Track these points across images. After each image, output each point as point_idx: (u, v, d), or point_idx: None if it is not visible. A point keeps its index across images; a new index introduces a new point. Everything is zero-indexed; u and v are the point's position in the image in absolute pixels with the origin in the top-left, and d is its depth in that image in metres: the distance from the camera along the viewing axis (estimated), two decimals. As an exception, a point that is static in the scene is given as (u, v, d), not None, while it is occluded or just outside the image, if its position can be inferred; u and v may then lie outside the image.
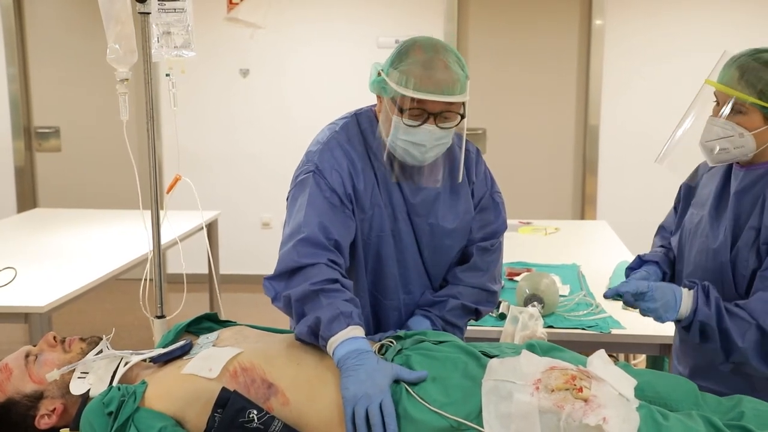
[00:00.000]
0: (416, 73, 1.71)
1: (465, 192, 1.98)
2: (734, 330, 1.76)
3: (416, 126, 1.74)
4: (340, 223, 1.80)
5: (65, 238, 3.93)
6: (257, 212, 6.14)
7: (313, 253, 1.73)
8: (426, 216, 1.93)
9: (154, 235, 2.37)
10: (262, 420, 1.51)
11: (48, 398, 1.70)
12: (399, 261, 1.93)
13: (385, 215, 1.89)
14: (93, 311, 5.29)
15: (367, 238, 1.89)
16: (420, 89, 1.70)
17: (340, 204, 1.82)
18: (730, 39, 5.41)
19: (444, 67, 1.72)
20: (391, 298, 1.97)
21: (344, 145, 1.88)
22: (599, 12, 5.69)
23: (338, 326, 1.61)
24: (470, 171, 2.00)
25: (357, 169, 1.86)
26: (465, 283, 2.00)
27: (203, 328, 1.94)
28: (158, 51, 2.26)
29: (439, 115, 1.75)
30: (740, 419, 1.55)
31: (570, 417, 1.42)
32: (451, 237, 1.97)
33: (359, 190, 1.86)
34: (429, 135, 1.76)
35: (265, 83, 5.99)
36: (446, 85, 1.71)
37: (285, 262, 1.75)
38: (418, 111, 1.73)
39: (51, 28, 6.18)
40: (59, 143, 6.29)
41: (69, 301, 2.94)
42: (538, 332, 2.36)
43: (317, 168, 1.85)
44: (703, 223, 1.95)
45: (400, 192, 1.91)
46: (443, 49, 1.77)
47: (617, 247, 3.76)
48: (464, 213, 1.98)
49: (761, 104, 1.76)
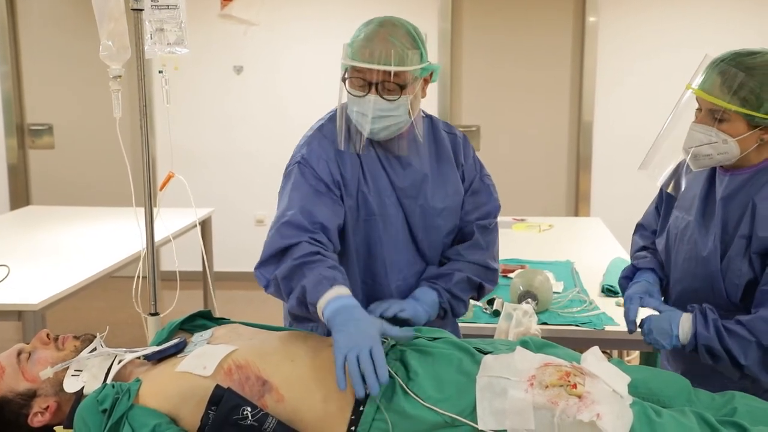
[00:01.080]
0: (356, 44, 1.82)
1: (453, 173, 2.04)
2: (736, 349, 1.75)
3: (361, 96, 1.83)
4: (326, 207, 1.86)
5: (59, 235, 3.92)
6: (251, 209, 6.14)
7: (295, 234, 1.79)
8: (416, 198, 1.97)
9: (147, 232, 2.36)
10: (257, 417, 1.51)
11: (41, 396, 1.69)
12: (390, 244, 1.97)
13: (372, 200, 1.94)
14: (86, 309, 5.28)
15: (355, 223, 1.94)
16: (355, 58, 1.80)
17: (326, 190, 1.89)
18: (723, 36, 5.42)
19: (383, 39, 1.80)
20: (381, 282, 1.99)
21: (329, 136, 1.96)
22: (593, 9, 5.70)
23: (323, 288, 1.66)
24: (458, 154, 2.06)
25: (342, 156, 1.93)
26: (467, 259, 2.04)
27: (197, 326, 1.94)
28: (151, 48, 2.26)
29: (380, 86, 1.81)
30: (733, 415, 1.56)
31: (564, 413, 1.42)
32: (442, 216, 2.01)
33: (346, 176, 1.92)
34: (371, 105, 1.82)
35: (259, 80, 5.98)
36: (381, 54, 1.78)
37: (270, 245, 1.83)
38: (360, 81, 1.83)
39: (44, 25, 6.16)
40: (52, 140, 6.27)
41: (63, 298, 2.93)
42: (532, 329, 2.36)
43: (303, 158, 1.93)
44: (690, 228, 1.93)
45: (387, 177, 1.96)
46: (391, 24, 1.85)
47: (611, 243, 3.77)
48: (453, 194, 2.03)
49: (744, 112, 1.74)
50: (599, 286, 2.95)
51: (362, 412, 1.53)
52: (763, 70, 1.73)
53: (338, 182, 1.91)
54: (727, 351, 1.76)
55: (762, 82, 1.72)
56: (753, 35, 5.37)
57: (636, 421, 1.45)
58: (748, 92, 1.73)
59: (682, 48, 5.46)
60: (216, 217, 4.93)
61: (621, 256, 3.32)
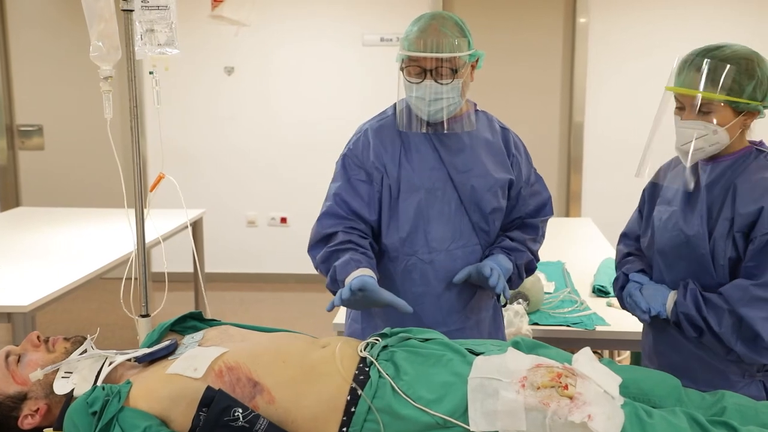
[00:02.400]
0: (412, 37, 1.98)
1: (503, 159, 2.16)
2: (711, 317, 1.83)
3: (417, 83, 1.98)
4: (361, 196, 2.09)
5: (49, 237, 3.91)
6: (243, 210, 6.12)
7: (332, 224, 2.06)
8: (466, 173, 2.10)
9: (138, 233, 2.36)
10: (248, 418, 1.51)
11: (32, 398, 1.68)
12: (436, 218, 2.09)
13: (416, 175, 2.08)
14: (77, 310, 5.26)
15: (396, 198, 2.09)
16: (411, 49, 1.96)
17: (366, 177, 2.10)
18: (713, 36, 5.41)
19: (435, 30, 1.96)
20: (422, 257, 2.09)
21: (376, 125, 2.15)
22: (583, 10, 5.71)
23: (350, 268, 1.91)
24: (509, 146, 2.20)
25: (384, 140, 2.11)
26: (529, 247, 2.18)
27: (188, 327, 1.94)
28: (142, 49, 2.25)
29: (435, 72, 1.97)
30: (722, 414, 1.57)
31: (555, 414, 1.43)
32: (492, 192, 2.11)
33: (385, 157, 2.09)
34: (427, 89, 1.98)
35: (250, 81, 5.97)
36: (434, 44, 1.94)
37: (313, 234, 2.10)
38: (416, 69, 1.98)
39: (33, 25, 6.13)
40: (42, 141, 6.25)
41: (53, 300, 2.92)
42: (523, 329, 2.37)
43: (349, 150, 2.15)
44: (675, 217, 1.98)
45: (437, 153, 2.10)
46: (441, 17, 2.02)
47: (602, 244, 3.78)
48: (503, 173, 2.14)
49: (730, 99, 1.82)
50: (590, 287, 2.96)
51: (354, 413, 1.54)
52: (737, 59, 1.82)
53: (377, 166, 2.09)
54: (704, 319, 1.84)
55: (739, 70, 1.82)
56: (743, 35, 5.37)
57: (627, 421, 1.46)
58: (730, 81, 1.82)
59: (672, 49, 5.47)
60: (207, 217, 4.93)
61: (612, 257, 3.32)
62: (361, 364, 1.64)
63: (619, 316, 2.62)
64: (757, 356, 1.82)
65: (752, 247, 1.82)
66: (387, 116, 2.16)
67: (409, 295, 2.04)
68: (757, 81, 1.82)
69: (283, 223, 6.08)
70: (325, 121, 5.89)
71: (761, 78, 1.82)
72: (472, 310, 2.13)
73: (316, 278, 6.06)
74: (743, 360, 1.85)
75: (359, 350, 1.69)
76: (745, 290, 1.80)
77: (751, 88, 1.82)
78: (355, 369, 1.63)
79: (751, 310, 1.79)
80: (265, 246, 6.11)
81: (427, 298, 2.08)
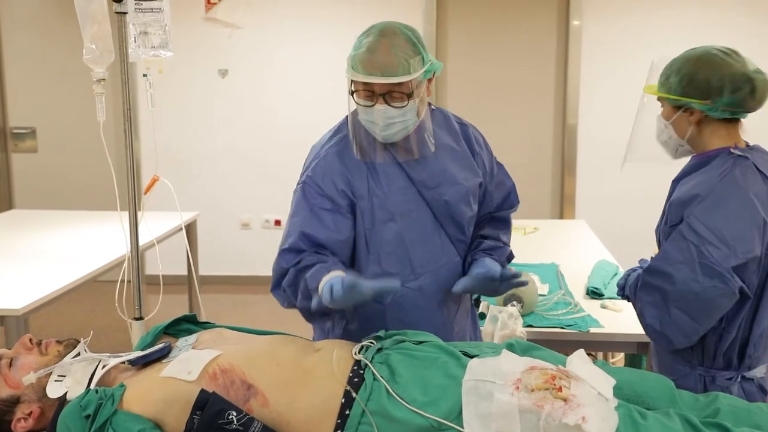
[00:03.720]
0: (361, 57, 1.81)
1: (468, 160, 2.06)
2: (632, 297, 1.96)
3: (370, 106, 1.85)
4: (327, 227, 1.91)
5: (42, 239, 3.89)
6: (237, 213, 6.11)
7: (295, 257, 1.89)
8: (437, 188, 1.98)
9: (131, 236, 2.35)
10: (242, 421, 1.51)
11: (25, 402, 1.68)
12: (416, 241, 1.97)
13: (390, 201, 1.95)
14: (70, 313, 5.25)
15: (371, 227, 1.95)
16: (362, 71, 1.80)
17: (332, 206, 1.92)
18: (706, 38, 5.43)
19: (386, 50, 1.80)
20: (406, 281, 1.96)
21: (335, 147, 1.99)
22: (577, 13, 5.72)
23: (320, 274, 1.77)
24: (471, 143, 2.10)
25: (349, 166, 1.95)
26: (503, 240, 2.14)
27: (182, 330, 1.93)
28: (135, 51, 2.25)
29: (388, 95, 1.83)
30: (716, 416, 1.57)
31: (549, 416, 1.43)
32: (465, 201, 2.02)
33: (354, 184, 1.95)
34: (380, 114, 1.84)
35: (244, 83, 5.96)
36: (387, 67, 1.79)
37: (275, 271, 1.93)
38: (367, 92, 1.84)
39: (26, 27, 6.11)
40: (35, 144, 6.23)
41: (46, 303, 2.91)
42: (517, 331, 2.37)
43: (308, 177, 1.97)
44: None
45: (405, 173, 1.97)
46: (391, 32, 1.85)
47: (596, 246, 3.79)
48: (472, 178, 2.05)
49: (659, 94, 1.94)
50: (584, 289, 2.96)
51: (348, 416, 1.53)
52: (680, 59, 1.92)
53: (345, 193, 1.93)
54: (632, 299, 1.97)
55: (671, 67, 1.91)
56: (737, 36, 5.40)
57: (621, 423, 1.46)
58: (664, 78, 1.93)
59: (666, 51, 5.49)
60: (201, 220, 4.92)
61: (606, 259, 3.33)
62: (355, 366, 1.64)
63: (613, 318, 2.62)
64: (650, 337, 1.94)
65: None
66: (343, 135, 2.01)
67: (400, 325, 1.93)
68: (682, 77, 1.88)
69: (278, 226, 6.07)
70: (319, 123, 5.84)
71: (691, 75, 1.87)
72: (456, 321, 2.10)
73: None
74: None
75: (354, 353, 1.69)
76: (639, 275, 1.93)
77: (677, 83, 1.89)
78: (349, 372, 1.63)
79: (641, 293, 1.90)
80: (260, 248, 6.10)
81: (419, 326, 1.94)
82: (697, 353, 1.92)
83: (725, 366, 1.91)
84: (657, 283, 1.85)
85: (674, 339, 1.85)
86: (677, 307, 1.82)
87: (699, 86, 1.87)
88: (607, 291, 2.91)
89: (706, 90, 1.86)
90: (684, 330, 1.83)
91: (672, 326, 1.83)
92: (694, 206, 1.83)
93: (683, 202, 1.86)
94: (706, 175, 1.88)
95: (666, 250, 1.85)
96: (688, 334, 1.84)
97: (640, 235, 4.26)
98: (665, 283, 1.83)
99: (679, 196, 1.90)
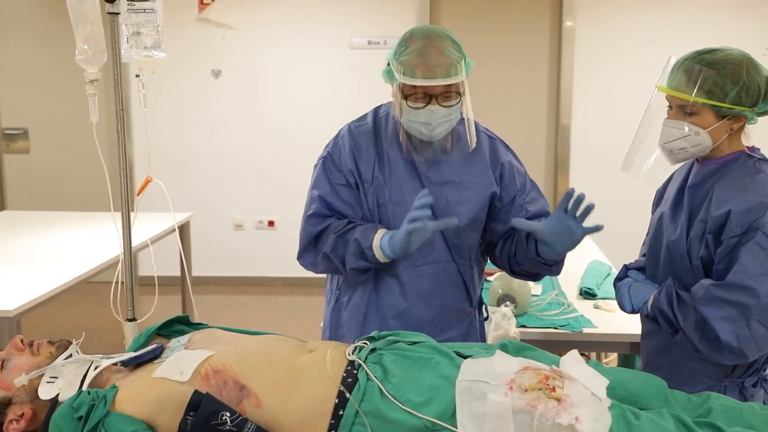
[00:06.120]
0: (413, 61, 1.88)
1: (485, 168, 2.10)
2: (679, 313, 1.88)
3: (422, 108, 1.92)
4: (344, 199, 2.05)
5: (34, 240, 3.88)
6: (230, 213, 6.11)
7: (322, 221, 2.03)
8: (442, 185, 2.05)
9: (125, 237, 2.34)
10: (235, 422, 1.51)
11: (16, 404, 1.67)
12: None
13: (388, 187, 2.04)
14: (63, 315, 5.23)
15: (371, 206, 2.05)
16: (418, 76, 1.88)
17: (345, 182, 2.06)
18: (699, 38, 5.45)
19: (438, 53, 1.89)
20: (392, 273, 2.05)
21: (353, 132, 2.10)
22: (570, 14, 5.74)
23: (371, 233, 1.93)
24: (496, 154, 2.15)
25: (360, 149, 2.07)
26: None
27: (175, 331, 1.93)
28: (128, 52, 2.24)
29: (441, 96, 1.92)
30: (708, 415, 1.58)
31: (543, 417, 1.43)
32: (469, 203, 2.06)
33: (361, 167, 2.05)
34: (434, 114, 1.93)
35: (238, 84, 5.96)
36: (441, 69, 1.88)
37: (304, 236, 2.06)
38: (421, 95, 1.91)
39: (18, 27, 6.09)
40: (28, 144, 6.21)
41: (38, 304, 2.90)
42: (510, 332, 2.37)
43: (329, 154, 2.10)
44: (664, 218, 2.02)
45: (413, 165, 2.05)
46: (437, 36, 1.93)
47: (588, 246, 3.79)
48: (481, 186, 2.08)
49: (711, 103, 1.84)
50: (577, 289, 2.97)
51: (341, 416, 1.53)
52: (724, 64, 1.84)
53: (353, 173, 2.04)
54: (675, 315, 1.89)
55: (724, 74, 1.83)
56: (730, 35, 5.41)
57: (614, 423, 1.46)
58: (711, 85, 1.84)
59: (659, 52, 5.50)
60: (195, 221, 4.91)
61: (599, 259, 3.34)
62: (349, 367, 1.64)
63: (606, 319, 2.63)
64: (716, 354, 1.84)
65: (720, 250, 1.85)
66: (366, 123, 2.11)
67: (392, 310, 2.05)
68: (741, 86, 1.82)
69: (271, 227, 6.07)
70: (313, 124, 5.88)
71: (748, 83, 1.83)
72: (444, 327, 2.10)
73: (304, 281, 6.05)
74: (707, 359, 1.88)
75: (347, 353, 1.69)
76: (706, 289, 1.84)
77: (735, 93, 1.83)
78: (343, 372, 1.62)
79: (710, 309, 1.81)
80: (253, 249, 6.09)
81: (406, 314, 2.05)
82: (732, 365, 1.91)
83: (748, 371, 1.92)
84: (735, 297, 1.79)
85: (750, 353, 1.81)
86: (759, 321, 1.78)
87: (752, 94, 1.84)
88: (600, 291, 2.91)
89: (757, 97, 1.85)
90: (760, 343, 1.80)
91: (751, 341, 1.79)
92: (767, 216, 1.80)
93: (747, 211, 1.81)
94: (741, 181, 1.86)
95: (744, 263, 1.79)
96: (763, 347, 1.82)
97: (633, 235, 4.26)
98: (748, 298, 1.78)
99: (737, 206, 1.82)
